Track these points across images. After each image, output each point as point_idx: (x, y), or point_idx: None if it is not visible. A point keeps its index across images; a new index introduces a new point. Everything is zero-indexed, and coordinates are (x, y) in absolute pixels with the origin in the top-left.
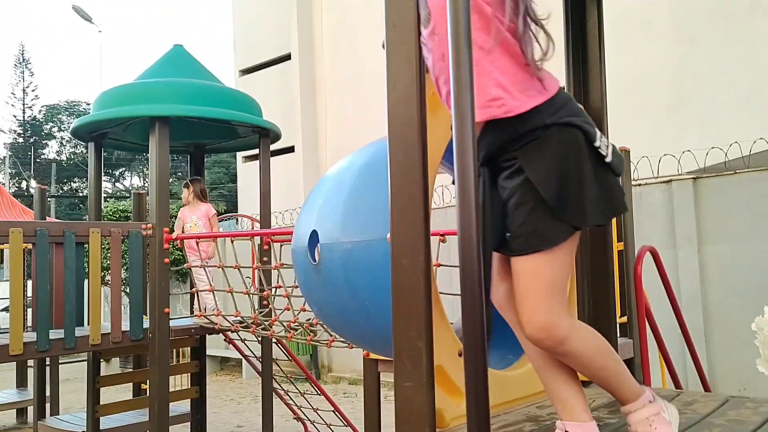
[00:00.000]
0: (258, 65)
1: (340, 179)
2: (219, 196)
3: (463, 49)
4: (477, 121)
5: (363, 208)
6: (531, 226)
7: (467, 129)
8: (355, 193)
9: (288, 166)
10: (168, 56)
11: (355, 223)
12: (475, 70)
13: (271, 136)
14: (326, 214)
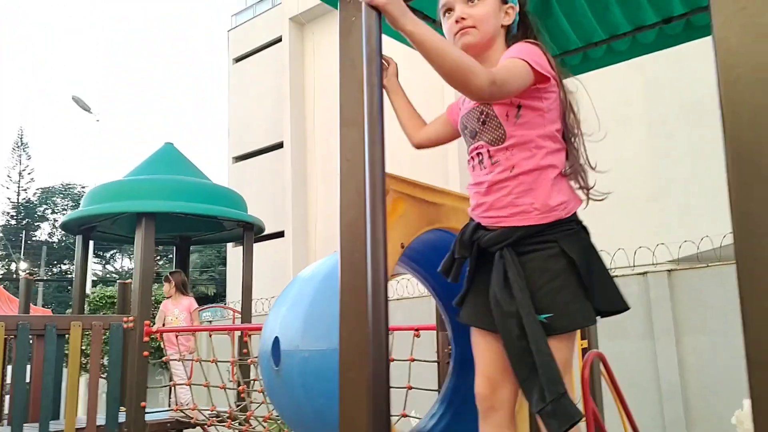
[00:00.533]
0: (251, 153)
1: (303, 289)
2: (209, 280)
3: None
4: (539, 223)
5: (322, 318)
6: (575, 306)
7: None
8: (315, 303)
9: (278, 251)
10: (158, 153)
11: (314, 332)
12: (540, 179)
13: (254, 229)
14: (288, 322)
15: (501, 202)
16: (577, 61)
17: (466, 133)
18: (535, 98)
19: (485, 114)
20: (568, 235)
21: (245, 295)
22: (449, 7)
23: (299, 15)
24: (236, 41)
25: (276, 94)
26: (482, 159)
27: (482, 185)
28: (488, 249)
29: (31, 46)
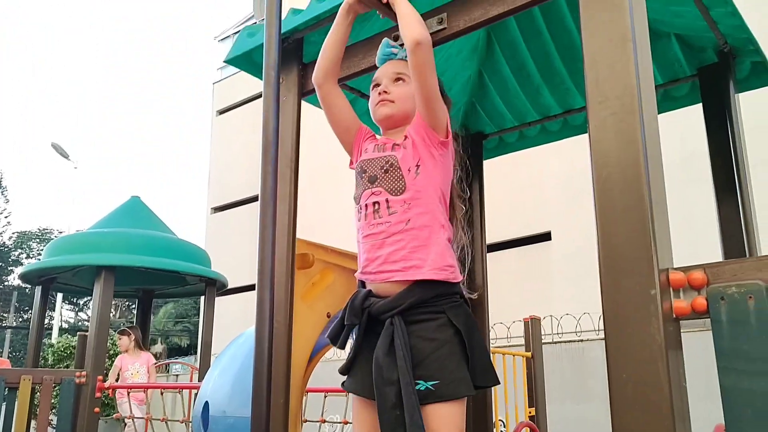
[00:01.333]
0: (230, 204)
1: (235, 353)
2: (182, 330)
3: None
4: (426, 279)
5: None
6: (461, 374)
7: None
8: (243, 370)
9: (250, 303)
10: (124, 207)
11: (239, 399)
12: (432, 238)
13: (217, 285)
14: (218, 387)
15: (395, 255)
16: (513, 139)
17: (364, 177)
18: (434, 155)
19: (389, 164)
20: (454, 306)
21: (204, 352)
22: (377, 82)
23: None
24: (221, 93)
25: (257, 146)
26: (378, 208)
27: (377, 236)
28: (378, 317)
29: (14, 90)
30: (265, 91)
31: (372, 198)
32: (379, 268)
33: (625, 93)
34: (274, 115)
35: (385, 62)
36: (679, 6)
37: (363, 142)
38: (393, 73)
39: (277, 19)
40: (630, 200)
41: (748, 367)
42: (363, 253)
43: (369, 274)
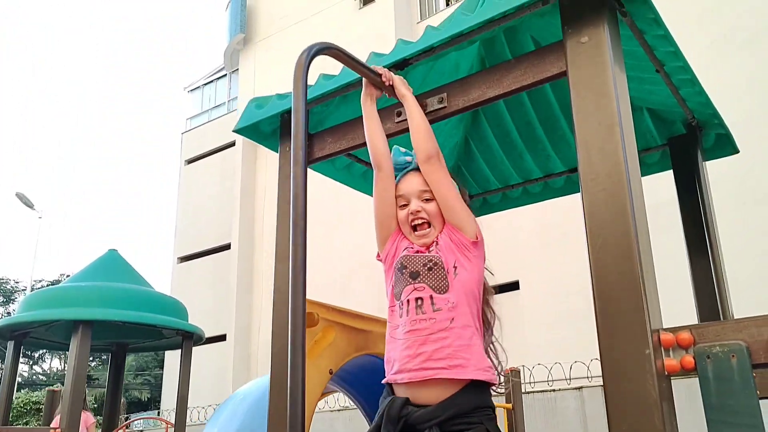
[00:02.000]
0: (197, 253)
1: (235, 409)
2: (143, 384)
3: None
4: (472, 379)
5: None
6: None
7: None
8: (245, 425)
9: (219, 354)
10: (101, 260)
11: None
12: (474, 339)
13: (194, 338)
14: None
15: (441, 353)
16: (497, 200)
17: (405, 273)
18: (468, 257)
19: (432, 262)
20: (491, 419)
21: (180, 407)
22: (406, 201)
23: None
24: (189, 143)
25: (226, 196)
26: (422, 304)
27: (421, 332)
28: (416, 426)
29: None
30: (293, 171)
31: (414, 293)
32: (422, 365)
33: (614, 171)
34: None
35: (403, 174)
36: (653, 85)
37: (401, 239)
38: (420, 191)
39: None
40: (623, 267)
41: (733, 419)
42: (402, 350)
43: (409, 371)
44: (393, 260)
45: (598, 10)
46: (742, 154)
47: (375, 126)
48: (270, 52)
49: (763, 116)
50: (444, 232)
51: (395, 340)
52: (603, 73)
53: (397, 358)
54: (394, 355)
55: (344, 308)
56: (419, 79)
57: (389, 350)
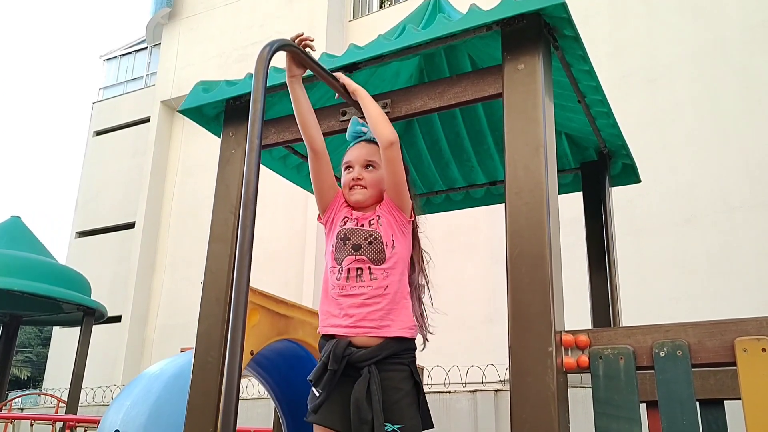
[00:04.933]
0: (97, 229)
1: (150, 386)
2: (23, 361)
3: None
4: (396, 336)
5: (165, 416)
6: (417, 420)
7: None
8: (161, 401)
9: (111, 336)
10: (2, 227)
11: (156, 427)
12: (402, 302)
13: (96, 315)
14: (132, 417)
15: (373, 315)
16: (420, 203)
17: (347, 244)
18: (404, 232)
19: (372, 237)
20: (413, 362)
21: (75, 385)
22: (350, 165)
23: (172, 100)
24: (100, 114)
25: (134, 173)
26: (361, 273)
27: (357, 297)
28: (356, 364)
29: None
30: (248, 158)
31: (355, 264)
32: (356, 324)
33: (535, 188)
34: (255, 176)
35: (356, 141)
36: (573, 113)
37: (339, 207)
38: (365, 159)
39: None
40: (536, 273)
41: (617, 413)
42: (338, 308)
43: (343, 327)
44: (333, 225)
45: (535, 42)
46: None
47: (307, 108)
48: (195, 30)
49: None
50: (385, 210)
51: (332, 299)
52: (534, 99)
53: (334, 314)
54: (330, 310)
55: (269, 293)
56: (361, 81)
57: (325, 304)
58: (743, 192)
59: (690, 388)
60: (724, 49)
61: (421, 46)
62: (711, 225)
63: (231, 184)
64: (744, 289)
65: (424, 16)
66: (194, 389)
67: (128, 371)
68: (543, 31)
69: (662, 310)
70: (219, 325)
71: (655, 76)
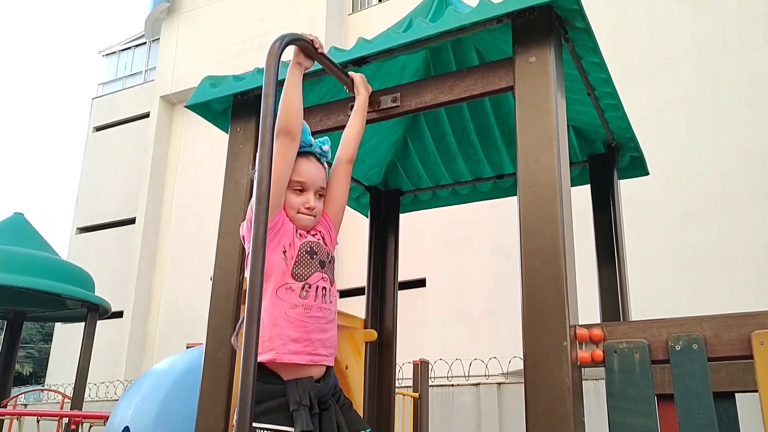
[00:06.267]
0: (98, 225)
1: (159, 382)
2: (26, 357)
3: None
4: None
5: (175, 412)
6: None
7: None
8: (170, 397)
9: (113, 332)
10: (5, 223)
11: (166, 423)
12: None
13: (100, 311)
14: (141, 413)
15: (330, 341)
16: (427, 197)
17: (314, 259)
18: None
19: (329, 256)
20: None
21: (80, 380)
22: (304, 187)
23: (171, 95)
24: (100, 110)
25: (134, 168)
26: (325, 293)
27: (322, 320)
28: (322, 398)
29: None
30: (260, 153)
31: (321, 282)
32: (317, 351)
33: (548, 181)
34: (268, 171)
35: (305, 156)
36: (582, 106)
37: (286, 216)
38: (320, 186)
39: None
40: (550, 268)
41: (631, 406)
42: (305, 332)
43: (309, 354)
44: (276, 235)
45: (547, 34)
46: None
47: (300, 96)
48: (194, 25)
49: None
50: (327, 226)
51: (291, 320)
52: (546, 91)
53: (296, 338)
54: (289, 333)
55: None
56: (368, 75)
57: (284, 329)
58: (744, 183)
59: (706, 382)
60: (725, 41)
61: (430, 39)
62: (712, 217)
63: (239, 179)
64: (746, 281)
65: (431, 9)
66: (205, 386)
67: (131, 367)
68: (554, 24)
69: (663, 303)
70: (229, 322)
71: (655, 69)
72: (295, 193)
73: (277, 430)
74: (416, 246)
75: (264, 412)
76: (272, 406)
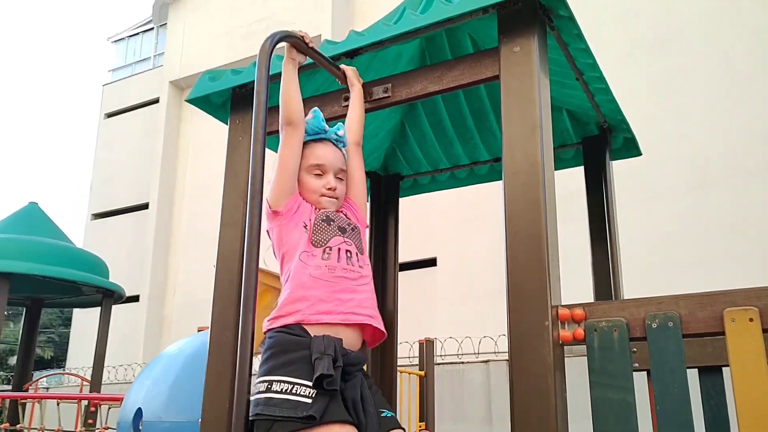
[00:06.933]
0: (113, 211)
1: (169, 365)
2: (46, 342)
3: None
4: (381, 329)
5: (184, 394)
6: None
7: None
8: (180, 380)
9: (130, 315)
10: (20, 213)
11: (176, 405)
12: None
13: (115, 296)
14: (153, 395)
15: (368, 302)
16: (426, 181)
17: (332, 225)
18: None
19: (353, 226)
20: None
21: (97, 364)
22: (323, 171)
23: (180, 80)
24: (110, 96)
25: (146, 153)
26: (351, 256)
27: (351, 281)
28: (347, 366)
29: None
30: (254, 148)
31: (345, 245)
32: (353, 310)
33: (532, 168)
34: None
35: (320, 137)
36: (572, 90)
37: (302, 198)
38: (338, 168)
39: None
40: (533, 251)
41: (611, 381)
42: (332, 292)
43: (341, 313)
44: (294, 215)
45: (531, 23)
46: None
47: (296, 88)
48: (201, 9)
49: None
50: (352, 208)
51: (317, 281)
52: (530, 80)
53: (323, 298)
54: (315, 294)
55: (277, 272)
56: (363, 65)
57: (306, 289)
58: (757, 155)
59: (680, 357)
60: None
61: (419, 30)
62: (725, 189)
63: (239, 170)
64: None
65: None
66: (210, 368)
67: (148, 349)
68: (538, 13)
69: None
70: (232, 307)
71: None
72: (315, 177)
73: (295, 382)
74: (427, 225)
75: (283, 364)
76: (293, 358)
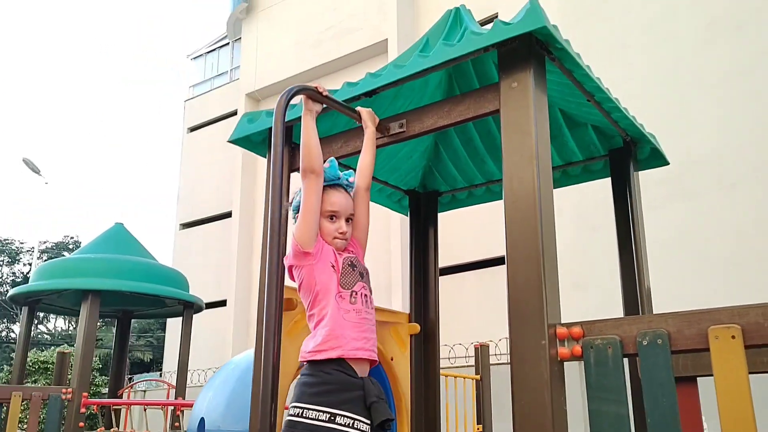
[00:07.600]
0: (199, 220)
1: (228, 376)
2: (146, 345)
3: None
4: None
5: (240, 404)
6: None
7: None
8: (236, 391)
9: (219, 319)
10: (108, 233)
11: (233, 415)
12: None
13: (194, 308)
14: (214, 405)
15: (375, 341)
16: (464, 196)
17: (355, 270)
18: None
19: (365, 270)
20: None
21: (181, 371)
22: (336, 214)
23: (255, 92)
24: (192, 111)
25: (228, 164)
26: (366, 300)
27: (368, 322)
28: (369, 396)
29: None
30: (272, 193)
31: (363, 290)
32: (372, 347)
33: (528, 197)
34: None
35: (335, 183)
36: (590, 108)
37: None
38: (349, 213)
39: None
40: (529, 274)
41: (606, 395)
42: (359, 332)
43: (366, 350)
44: (323, 251)
45: (527, 60)
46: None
47: (316, 139)
48: (272, 21)
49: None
50: (357, 249)
51: (348, 323)
52: (527, 114)
53: (355, 338)
54: (349, 333)
55: None
56: (392, 93)
57: (342, 329)
58: None
59: (669, 372)
60: None
61: (427, 71)
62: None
63: None
64: None
65: (445, 28)
66: (255, 384)
67: (237, 352)
68: (534, 49)
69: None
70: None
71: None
72: (329, 221)
73: (356, 418)
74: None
75: (343, 401)
76: (351, 397)
